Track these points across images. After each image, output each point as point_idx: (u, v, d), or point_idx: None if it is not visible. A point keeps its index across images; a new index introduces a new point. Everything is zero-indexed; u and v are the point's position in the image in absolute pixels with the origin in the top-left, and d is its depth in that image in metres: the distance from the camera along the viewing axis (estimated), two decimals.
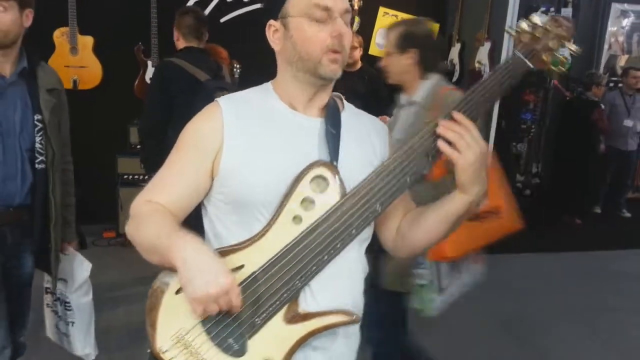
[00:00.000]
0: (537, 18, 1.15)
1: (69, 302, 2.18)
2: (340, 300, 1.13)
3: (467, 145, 1.05)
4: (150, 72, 4.22)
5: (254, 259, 1.05)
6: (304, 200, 1.08)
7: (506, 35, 4.46)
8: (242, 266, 1.05)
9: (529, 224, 5.38)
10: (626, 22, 6.12)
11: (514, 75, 1.12)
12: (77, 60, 4.12)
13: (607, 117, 5.62)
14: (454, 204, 1.12)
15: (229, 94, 1.19)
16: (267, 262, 1.05)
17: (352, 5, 4.82)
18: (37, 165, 1.91)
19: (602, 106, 5.50)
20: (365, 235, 1.18)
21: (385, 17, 4.94)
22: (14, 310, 1.98)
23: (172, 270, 1.00)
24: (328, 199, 1.08)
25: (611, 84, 6.03)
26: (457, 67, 4.92)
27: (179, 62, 2.86)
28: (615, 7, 5.99)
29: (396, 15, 4.95)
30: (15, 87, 1.88)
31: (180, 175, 1.13)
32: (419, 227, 1.19)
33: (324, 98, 1.17)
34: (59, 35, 4.07)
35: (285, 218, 1.07)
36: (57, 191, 2.00)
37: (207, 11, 4.46)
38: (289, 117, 1.15)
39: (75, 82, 4.08)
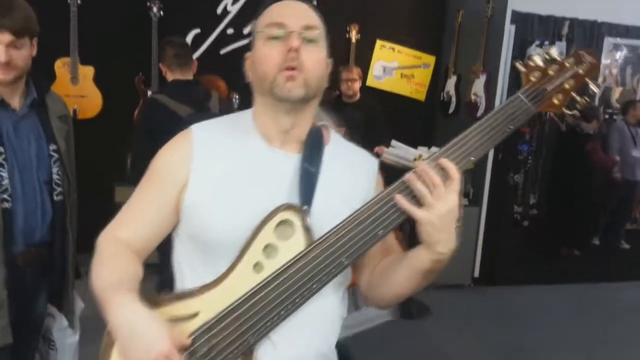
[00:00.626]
0: (556, 51, 1.00)
1: (53, 342, 2.02)
2: (303, 352, 1.04)
3: (429, 202, 0.94)
4: None
5: (210, 307, 0.99)
6: (267, 247, 1.00)
7: (501, 68, 4.52)
8: (197, 313, 0.99)
9: (527, 255, 5.36)
10: (619, 55, 6.22)
11: (516, 122, 0.99)
12: (77, 89, 4.15)
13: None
14: (419, 260, 1.01)
15: (208, 120, 1.12)
16: (222, 312, 0.97)
17: (349, 38, 4.91)
18: (55, 198, 1.82)
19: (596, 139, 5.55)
20: (342, 279, 1.08)
21: (383, 50, 5.02)
22: (18, 355, 1.84)
23: None
24: (292, 247, 0.99)
25: (606, 116, 6.09)
26: (454, 99, 4.97)
27: (162, 98, 2.90)
28: (608, 41, 6.10)
29: (393, 48, 5.02)
30: (27, 119, 1.81)
31: (145, 210, 1.08)
32: (388, 282, 1.09)
33: (302, 129, 1.07)
34: (60, 66, 4.11)
35: (246, 265, 1.00)
36: (73, 223, 1.93)
37: (207, 43, 4.53)
38: (264, 153, 1.06)
39: (75, 111, 4.10)
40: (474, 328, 3.85)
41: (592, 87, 1.00)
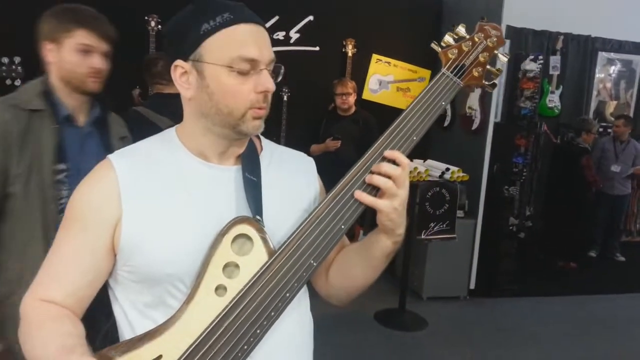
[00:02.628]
0: (462, 29, 1.06)
1: None
2: None
3: (394, 192, 0.94)
4: None
5: (173, 346, 0.88)
6: (226, 266, 0.91)
7: (497, 81, 4.55)
8: (159, 357, 0.87)
9: (523, 267, 5.36)
10: (613, 70, 6.29)
11: (445, 97, 1.03)
12: None
13: (597, 162, 5.72)
14: (379, 248, 1.01)
15: (126, 147, 1.02)
16: (189, 348, 0.87)
17: (346, 52, 4.95)
18: None
19: (591, 153, 5.59)
20: (303, 289, 1.04)
21: (379, 64, 5.06)
22: None
23: None
24: (254, 261, 0.92)
25: (600, 129, 6.14)
26: (449, 112, 5.01)
27: (143, 110, 2.91)
28: (602, 56, 6.17)
29: (389, 62, 5.07)
30: (91, 137, 1.69)
31: (74, 260, 0.94)
32: (347, 277, 1.08)
33: (240, 148, 1.02)
34: None
35: (205, 290, 0.90)
36: None
37: None
38: (200, 170, 0.98)
39: None
40: (469, 340, 3.84)
41: (501, 56, 1.07)
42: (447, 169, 3.98)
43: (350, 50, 4.90)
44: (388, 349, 3.56)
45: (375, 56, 5.04)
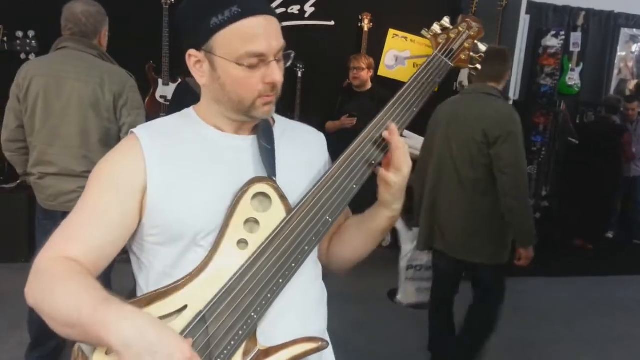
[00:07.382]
0: (447, 20, 1.21)
1: None
2: (298, 335, 1.01)
3: (400, 163, 1.03)
4: (160, 89, 4.26)
5: (198, 296, 0.92)
6: (247, 221, 0.98)
7: (516, 58, 4.48)
8: (184, 307, 0.92)
9: (539, 248, 5.33)
10: (635, 47, 6.13)
11: (440, 75, 1.15)
12: None
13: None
14: (377, 221, 1.11)
15: (149, 122, 1.09)
16: (214, 297, 0.92)
17: (362, 27, 4.87)
18: None
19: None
20: (316, 257, 1.12)
21: (395, 39, 4.97)
22: None
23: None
24: (273, 217, 0.99)
25: (622, 108, 6.01)
26: None
27: (191, 81, 2.94)
28: (625, 32, 6.01)
29: (406, 37, 4.97)
30: None
31: (100, 218, 0.97)
32: (346, 246, 1.17)
33: (254, 121, 1.09)
34: None
35: (228, 244, 0.96)
36: None
37: None
38: (218, 139, 1.05)
39: None
40: None
41: (480, 45, 1.22)
42: None
43: (366, 25, 4.81)
44: (400, 326, 3.56)
45: (391, 31, 4.95)
